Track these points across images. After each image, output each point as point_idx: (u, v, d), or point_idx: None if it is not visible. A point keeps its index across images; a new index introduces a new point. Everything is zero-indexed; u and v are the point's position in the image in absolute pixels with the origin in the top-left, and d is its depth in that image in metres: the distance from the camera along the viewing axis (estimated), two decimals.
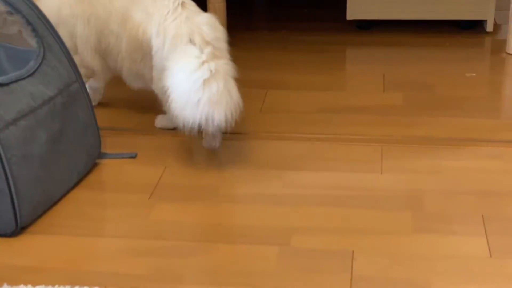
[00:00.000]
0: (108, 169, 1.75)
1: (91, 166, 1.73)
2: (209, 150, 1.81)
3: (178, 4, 1.74)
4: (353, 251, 1.43)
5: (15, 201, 1.46)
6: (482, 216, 1.53)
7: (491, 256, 1.41)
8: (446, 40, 2.45)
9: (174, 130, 1.92)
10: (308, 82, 2.17)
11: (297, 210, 1.58)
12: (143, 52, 1.79)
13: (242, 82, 2.04)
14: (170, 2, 1.74)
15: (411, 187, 1.65)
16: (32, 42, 1.61)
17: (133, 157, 1.79)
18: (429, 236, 1.48)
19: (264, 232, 1.50)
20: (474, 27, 2.52)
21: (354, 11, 2.51)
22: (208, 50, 1.66)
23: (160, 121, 1.92)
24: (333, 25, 2.59)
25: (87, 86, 1.78)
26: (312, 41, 2.49)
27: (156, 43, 1.74)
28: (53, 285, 1.34)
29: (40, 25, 1.61)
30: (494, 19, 2.50)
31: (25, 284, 1.34)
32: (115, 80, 1.98)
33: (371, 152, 1.80)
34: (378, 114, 1.98)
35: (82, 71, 1.77)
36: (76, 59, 1.76)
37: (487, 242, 1.45)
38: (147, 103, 2.06)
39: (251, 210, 1.59)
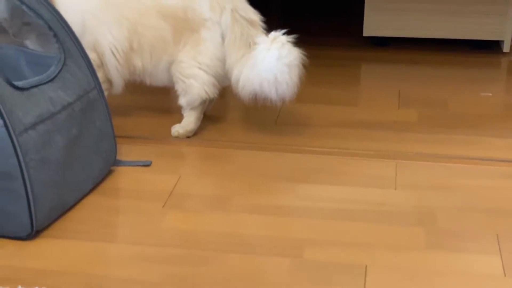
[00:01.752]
0: (123, 176, 1.75)
1: (106, 173, 1.74)
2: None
3: None
4: (366, 266, 1.43)
5: (32, 204, 1.47)
6: (497, 234, 1.52)
7: (505, 275, 1.40)
8: (462, 59, 2.45)
9: (189, 138, 1.94)
10: (323, 96, 2.18)
11: (310, 223, 1.58)
12: (190, 32, 1.84)
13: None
14: None
15: (425, 203, 1.65)
16: (53, 47, 1.62)
17: (148, 165, 1.80)
18: (442, 252, 1.47)
19: (276, 243, 1.51)
20: (490, 47, 2.52)
21: (371, 27, 2.52)
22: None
23: (176, 130, 1.94)
24: (349, 41, 2.61)
25: None
26: (328, 56, 2.50)
27: (210, 16, 1.84)
28: None
29: (61, 31, 1.63)
30: (511, 40, 2.51)
31: (39, 287, 1.35)
32: (132, 89, 2.00)
33: (385, 168, 1.80)
34: (393, 130, 1.98)
35: (104, 86, 1.80)
36: (100, 74, 1.79)
37: (501, 260, 1.44)
38: (162, 112, 2.08)
39: (264, 221, 1.59)
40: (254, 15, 1.88)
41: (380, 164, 1.82)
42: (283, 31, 1.84)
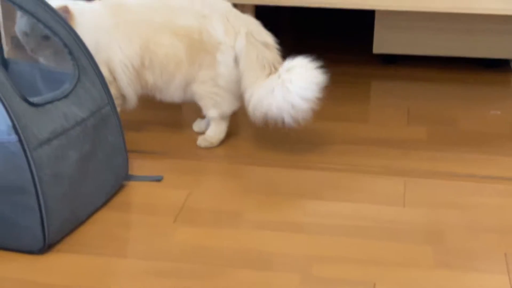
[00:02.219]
0: (135, 191, 1.77)
1: (118, 188, 1.76)
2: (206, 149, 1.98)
3: (230, 6, 1.92)
4: (374, 284, 1.44)
5: (44, 218, 1.49)
6: (505, 254, 1.53)
7: None
8: (472, 77, 2.47)
9: (200, 154, 1.95)
10: (332, 113, 2.20)
11: (320, 239, 1.59)
12: (204, 53, 1.87)
13: None
14: (222, 4, 1.91)
15: (433, 221, 1.66)
16: (67, 65, 1.65)
17: (159, 180, 1.82)
18: (450, 271, 1.48)
19: (285, 259, 1.52)
20: (500, 65, 2.54)
21: (381, 44, 2.54)
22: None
23: (206, 140, 1.99)
24: (359, 58, 2.62)
25: None
26: (338, 73, 2.51)
27: (224, 40, 1.87)
28: None
29: (76, 48, 1.66)
30: None
31: None
32: (144, 104, 2.02)
33: (394, 185, 1.81)
34: (402, 148, 2.00)
35: (117, 102, 1.83)
36: (112, 89, 1.81)
37: (509, 280, 1.45)
38: (174, 127, 2.10)
39: (273, 237, 1.60)
40: (269, 38, 1.91)
41: (389, 181, 1.83)
42: (306, 58, 1.87)
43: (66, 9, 1.77)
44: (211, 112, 1.96)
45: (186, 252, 1.55)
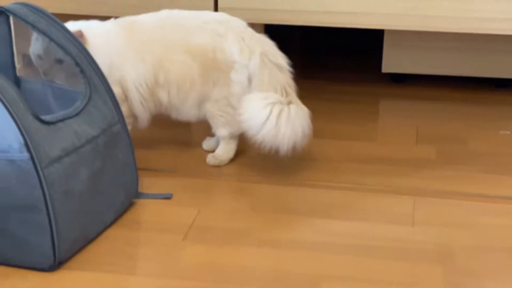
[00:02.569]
0: (144, 208, 1.78)
1: (128, 205, 1.76)
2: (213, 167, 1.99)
3: (245, 25, 1.93)
4: None
5: (55, 236, 1.50)
6: None
7: None
8: (481, 96, 2.47)
9: (209, 172, 1.96)
10: (341, 132, 2.20)
11: (328, 258, 1.59)
12: (218, 72, 1.88)
13: None
14: (237, 23, 1.92)
15: (443, 241, 1.66)
16: (79, 82, 1.66)
17: (169, 198, 1.83)
18: None
19: (294, 278, 1.52)
20: (510, 85, 2.54)
21: (390, 63, 2.54)
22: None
23: (215, 158, 1.99)
24: (367, 76, 2.63)
25: None
26: (347, 91, 2.53)
27: (239, 59, 1.87)
28: None
29: (88, 67, 1.67)
30: None
31: None
32: (153, 122, 2.03)
33: (403, 204, 1.81)
34: (411, 167, 2.00)
35: (128, 120, 1.85)
36: (124, 108, 1.83)
37: None
38: (184, 146, 2.11)
39: (282, 256, 1.60)
40: (283, 60, 1.92)
41: (397, 200, 1.83)
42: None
43: (80, 34, 1.78)
44: (221, 131, 1.97)
45: (195, 270, 1.56)
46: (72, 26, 1.80)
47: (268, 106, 1.83)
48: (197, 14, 1.96)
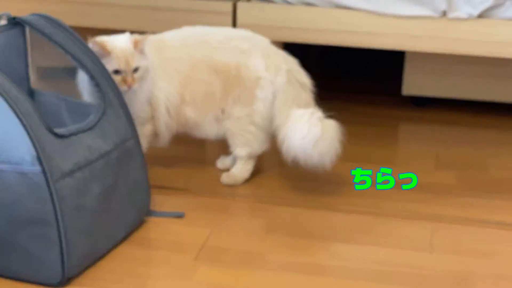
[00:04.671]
0: (156, 227, 1.75)
1: (139, 223, 1.74)
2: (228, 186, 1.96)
3: (268, 42, 1.93)
4: None
5: (64, 251, 1.47)
6: None
7: None
8: (503, 122, 2.43)
9: (222, 192, 1.93)
10: (360, 155, 2.17)
11: (343, 283, 1.55)
12: (241, 89, 1.87)
13: None
14: (262, 40, 1.93)
15: (461, 269, 1.61)
16: (94, 96, 1.65)
17: (181, 216, 1.80)
18: None
19: None
20: None
21: (410, 86, 2.51)
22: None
23: (230, 177, 1.96)
24: (388, 99, 2.60)
25: None
26: (366, 114, 2.50)
27: (265, 75, 1.87)
28: None
29: (103, 80, 1.65)
30: None
31: None
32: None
33: (421, 230, 1.77)
34: (430, 192, 1.96)
35: (148, 139, 1.86)
36: (148, 127, 1.82)
37: None
38: (197, 164, 2.08)
39: (296, 279, 1.57)
40: (306, 79, 1.91)
41: (416, 226, 1.79)
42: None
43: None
44: (240, 150, 1.94)
45: None
46: (114, 40, 1.79)
47: (315, 121, 1.82)
48: (220, 30, 1.95)
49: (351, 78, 2.85)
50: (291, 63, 1.92)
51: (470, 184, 2.01)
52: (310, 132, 1.80)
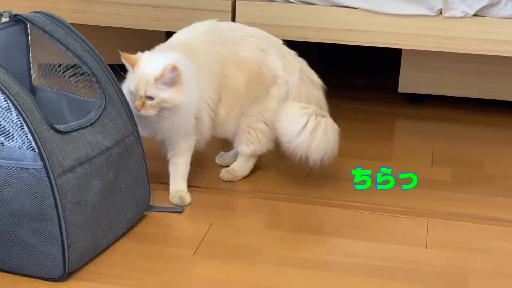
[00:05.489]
0: (155, 222, 1.77)
1: (139, 218, 1.75)
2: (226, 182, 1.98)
3: (281, 42, 1.95)
4: None
5: (66, 246, 1.49)
6: None
7: None
8: (497, 119, 2.45)
9: (221, 188, 1.94)
10: (356, 151, 2.19)
11: (340, 278, 1.58)
12: (260, 86, 1.88)
13: None
14: (276, 40, 1.94)
15: (456, 264, 1.63)
16: (95, 93, 1.66)
17: (180, 212, 1.82)
18: None
19: None
20: None
21: (406, 84, 2.53)
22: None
23: (230, 173, 1.98)
24: (384, 96, 2.62)
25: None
26: (363, 111, 2.51)
27: (282, 75, 1.89)
28: None
29: (104, 77, 1.67)
30: None
31: None
32: None
33: (417, 226, 1.79)
34: (426, 188, 1.98)
35: (194, 144, 1.87)
36: (194, 138, 1.84)
37: None
38: (196, 160, 2.09)
39: (293, 274, 1.59)
40: (317, 77, 1.95)
41: (411, 221, 1.81)
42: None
43: (174, 68, 1.69)
44: (244, 148, 1.94)
45: (205, 285, 1.54)
46: (148, 60, 1.74)
47: (306, 115, 1.85)
48: (236, 26, 1.95)
49: (348, 75, 2.87)
50: (303, 63, 1.95)
51: (465, 180, 2.03)
52: (304, 127, 1.85)
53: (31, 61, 1.78)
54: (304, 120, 1.85)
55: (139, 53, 1.76)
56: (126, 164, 1.67)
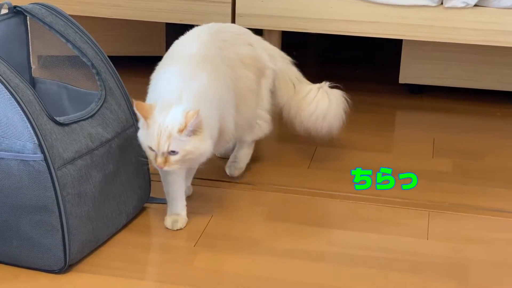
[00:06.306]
0: (156, 213, 1.77)
1: (140, 210, 1.75)
2: (232, 177, 1.95)
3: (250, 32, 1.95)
4: None
5: (66, 238, 1.49)
6: None
7: None
8: (498, 110, 2.44)
9: (222, 180, 1.94)
10: (357, 142, 2.18)
11: (341, 269, 1.58)
12: (261, 77, 1.90)
13: (292, 138, 2.07)
14: (247, 30, 1.94)
15: (457, 255, 1.63)
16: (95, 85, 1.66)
17: None
18: None
19: None
20: None
21: (407, 74, 2.53)
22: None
23: (236, 168, 1.95)
24: (385, 87, 2.61)
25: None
26: (363, 101, 2.50)
27: (270, 65, 1.91)
28: None
29: (104, 69, 1.66)
30: None
31: None
32: None
33: (418, 217, 1.79)
34: (426, 179, 1.97)
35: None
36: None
37: None
38: None
39: (293, 266, 1.59)
40: (287, 56, 1.99)
41: (413, 213, 1.81)
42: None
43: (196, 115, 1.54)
44: (246, 136, 1.92)
45: (206, 277, 1.54)
46: (164, 110, 1.56)
47: (318, 92, 1.95)
48: (219, 26, 1.91)
49: (348, 66, 2.86)
50: (277, 50, 1.98)
51: (466, 171, 2.03)
52: (318, 107, 1.93)
53: (30, 53, 1.78)
54: (325, 96, 1.94)
55: (137, 102, 1.57)
56: (127, 156, 1.67)
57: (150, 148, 1.57)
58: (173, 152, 1.55)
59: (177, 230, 1.70)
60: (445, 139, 2.23)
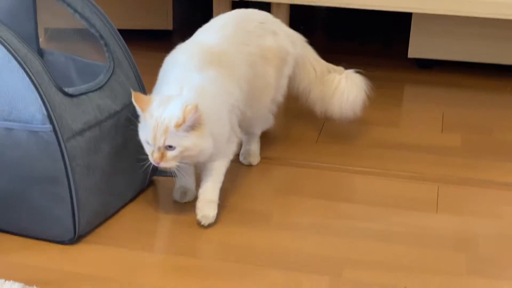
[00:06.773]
0: (165, 186, 1.77)
1: (149, 182, 1.75)
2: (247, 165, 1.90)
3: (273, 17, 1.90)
4: None
5: (76, 209, 1.49)
6: None
7: None
8: (508, 85, 2.43)
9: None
10: (365, 117, 2.17)
11: (350, 242, 1.57)
12: (283, 66, 1.86)
13: (300, 112, 2.06)
14: (272, 17, 1.89)
15: (467, 229, 1.63)
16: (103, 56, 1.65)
17: None
18: (482, 280, 1.46)
19: (315, 261, 1.50)
20: None
21: (416, 49, 2.51)
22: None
23: (251, 159, 1.91)
24: (393, 62, 2.60)
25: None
26: (372, 76, 2.48)
27: (292, 51, 1.87)
28: None
29: (112, 40, 1.65)
30: None
31: None
32: None
33: (427, 191, 1.78)
34: (435, 154, 1.97)
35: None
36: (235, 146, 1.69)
37: None
38: None
39: (303, 239, 1.59)
40: (299, 35, 1.95)
41: (421, 187, 1.81)
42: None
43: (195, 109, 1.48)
44: (257, 129, 1.90)
45: (214, 250, 1.55)
46: (162, 103, 1.50)
47: (346, 82, 1.97)
48: (246, 13, 1.84)
49: (357, 40, 2.84)
50: (297, 35, 1.92)
51: (475, 146, 2.02)
52: (343, 95, 1.95)
53: (37, 25, 1.77)
54: (353, 88, 1.97)
55: (135, 93, 1.53)
56: (135, 129, 1.66)
57: (147, 142, 1.51)
58: (170, 147, 1.49)
59: (185, 202, 1.70)
60: (454, 114, 2.22)
